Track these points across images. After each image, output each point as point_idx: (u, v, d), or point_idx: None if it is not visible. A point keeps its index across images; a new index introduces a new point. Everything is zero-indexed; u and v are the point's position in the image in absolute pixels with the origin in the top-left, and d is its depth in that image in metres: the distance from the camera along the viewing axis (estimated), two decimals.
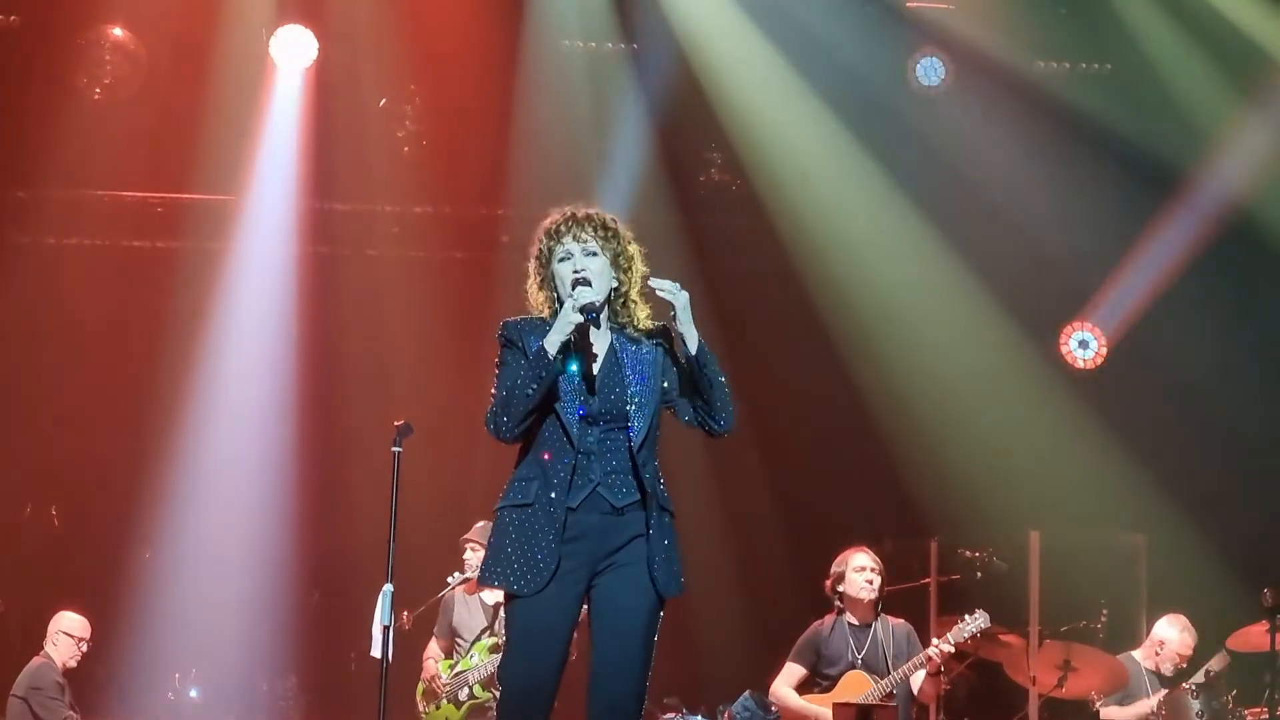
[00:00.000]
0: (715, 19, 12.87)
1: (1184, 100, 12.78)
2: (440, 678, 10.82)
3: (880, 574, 9.99)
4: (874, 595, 9.92)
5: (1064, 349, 13.73)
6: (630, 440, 5.95)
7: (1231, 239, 12.95)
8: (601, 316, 6.05)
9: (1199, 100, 12.76)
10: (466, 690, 10.70)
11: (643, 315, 6.13)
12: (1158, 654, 11.09)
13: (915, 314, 13.64)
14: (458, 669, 10.80)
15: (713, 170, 13.63)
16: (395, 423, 7.24)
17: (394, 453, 7.20)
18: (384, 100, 13.15)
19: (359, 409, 13.02)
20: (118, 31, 12.76)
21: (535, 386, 5.86)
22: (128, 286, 13.47)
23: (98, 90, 12.81)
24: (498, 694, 8.79)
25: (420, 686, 11.03)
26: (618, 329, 6.08)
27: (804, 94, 12.99)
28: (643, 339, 6.10)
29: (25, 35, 12.70)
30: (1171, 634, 11.11)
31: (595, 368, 5.99)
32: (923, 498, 13.29)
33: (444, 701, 10.84)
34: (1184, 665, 11.05)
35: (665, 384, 6.10)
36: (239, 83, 12.88)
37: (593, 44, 13.14)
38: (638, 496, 5.96)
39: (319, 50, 12.86)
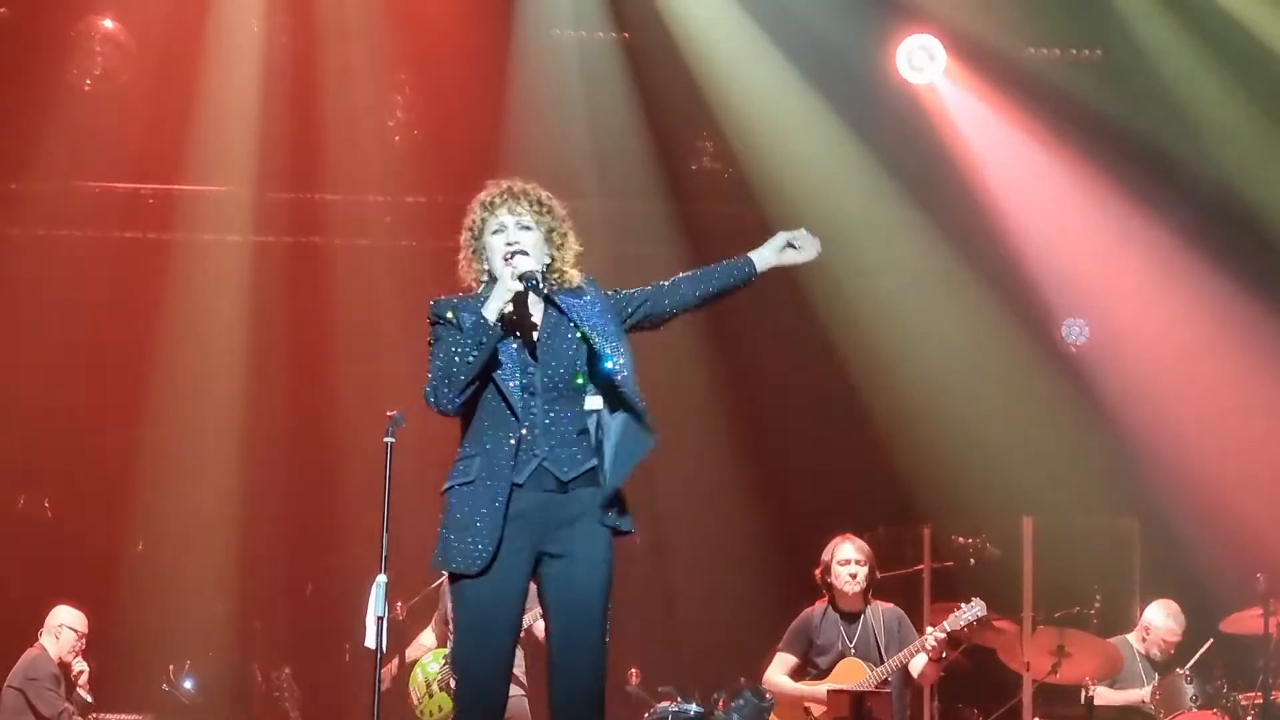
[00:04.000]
0: (705, 6, 12.87)
1: (1175, 85, 12.78)
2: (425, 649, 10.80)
3: (867, 564, 9.91)
4: (858, 588, 9.86)
5: (1056, 334, 13.72)
6: (619, 377, 5.89)
7: (1223, 223, 12.95)
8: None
9: (1190, 85, 12.76)
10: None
11: (569, 273, 6.11)
12: (1145, 639, 11.11)
13: (907, 300, 13.64)
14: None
15: (704, 158, 13.62)
16: (388, 413, 7.23)
17: (386, 443, 7.19)
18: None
19: (351, 399, 13.01)
20: (108, 23, 12.76)
21: (476, 354, 5.82)
22: (119, 278, 13.46)
23: (88, 81, 12.80)
24: None
25: (419, 675, 11.01)
26: (553, 293, 6.03)
27: (795, 81, 12.98)
28: (578, 292, 6.07)
29: (15, 27, 12.68)
30: (1158, 619, 11.12)
31: (535, 339, 5.96)
32: (916, 484, 13.30)
33: (438, 690, 10.83)
34: (1171, 652, 11.06)
35: (629, 309, 6.11)
36: (229, 73, 12.88)
37: (583, 33, 13.13)
38: (588, 467, 5.93)
39: (309, 39, 12.85)
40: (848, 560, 9.89)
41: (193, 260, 13.49)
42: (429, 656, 10.91)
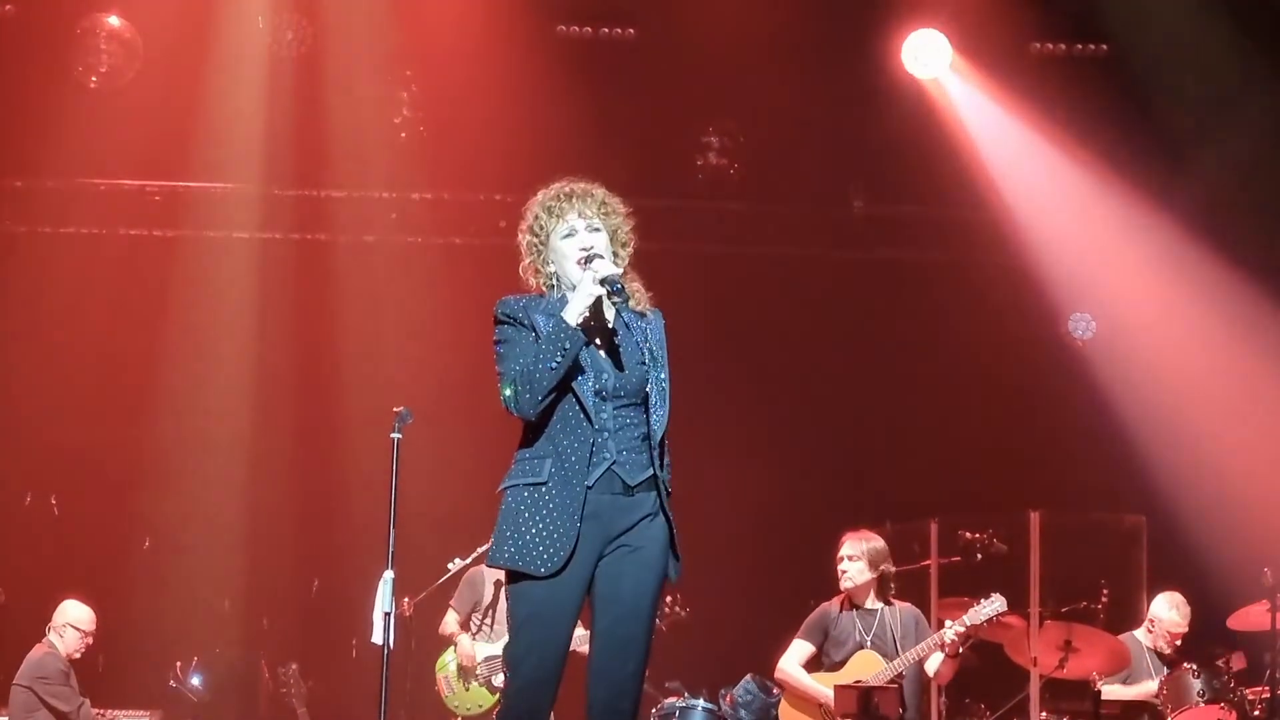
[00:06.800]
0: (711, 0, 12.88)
1: (1181, 78, 12.77)
2: (475, 659, 10.80)
3: (860, 559, 9.87)
4: (849, 584, 9.88)
5: (1064, 329, 13.72)
6: (650, 420, 5.87)
7: (1231, 216, 12.94)
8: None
9: (1197, 78, 12.75)
10: (503, 676, 10.66)
11: (638, 290, 6.05)
12: (1150, 631, 11.11)
13: (915, 295, 13.64)
14: (487, 654, 10.79)
15: (710, 154, 13.61)
16: (394, 409, 7.23)
17: (393, 439, 7.19)
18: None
19: (358, 396, 13.02)
20: (113, 19, 12.78)
21: (560, 359, 5.73)
22: (125, 275, 13.47)
23: (94, 78, 12.82)
24: None
25: (452, 665, 11.00)
26: (622, 305, 5.92)
27: (801, 76, 12.97)
28: (645, 315, 6.02)
29: (21, 23, 12.72)
30: (1162, 612, 11.12)
31: (616, 343, 5.92)
32: (923, 479, 13.29)
33: (475, 684, 10.83)
34: (1178, 643, 11.05)
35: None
36: (235, 70, 12.89)
37: (589, 28, 13.14)
38: (650, 473, 5.91)
39: (315, 36, 12.86)
40: (840, 558, 9.93)
41: (198, 257, 13.50)
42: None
